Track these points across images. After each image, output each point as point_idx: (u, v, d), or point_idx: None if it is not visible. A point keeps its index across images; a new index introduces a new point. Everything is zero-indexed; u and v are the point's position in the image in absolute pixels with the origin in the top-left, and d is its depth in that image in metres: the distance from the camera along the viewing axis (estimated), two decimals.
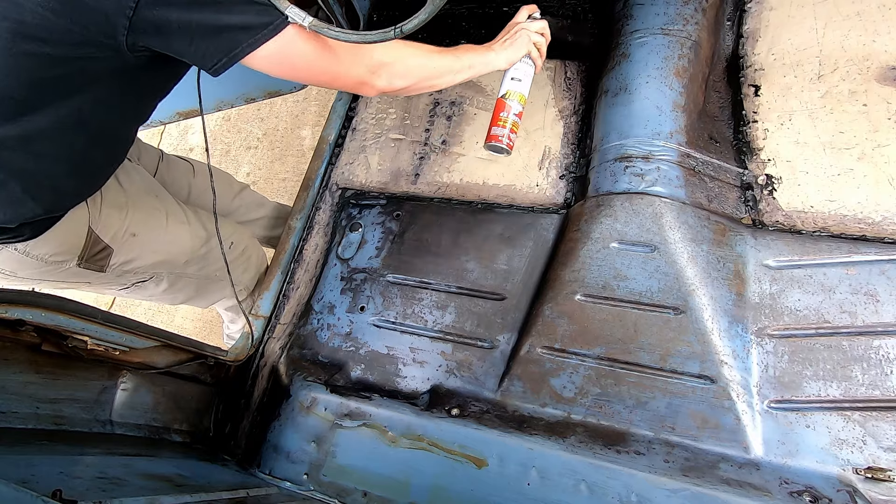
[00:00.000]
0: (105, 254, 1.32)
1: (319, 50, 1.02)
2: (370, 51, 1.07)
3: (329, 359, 1.45)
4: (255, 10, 0.94)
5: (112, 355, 1.14)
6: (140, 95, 1.16)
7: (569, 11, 1.66)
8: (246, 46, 0.95)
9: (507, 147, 1.26)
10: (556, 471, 1.14)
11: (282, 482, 1.31)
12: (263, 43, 0.96)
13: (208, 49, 0.95)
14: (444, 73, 1.18)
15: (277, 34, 0.96)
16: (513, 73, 1.27)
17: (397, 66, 1.10)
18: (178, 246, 1.48)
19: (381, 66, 1.08)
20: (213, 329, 2.66)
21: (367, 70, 1.07)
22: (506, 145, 1.25)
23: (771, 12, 1.42)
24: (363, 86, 1.09)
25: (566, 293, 1.27)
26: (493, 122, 1.26)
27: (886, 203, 1.17)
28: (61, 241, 1.22)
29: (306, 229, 1.65)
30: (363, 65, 1.07)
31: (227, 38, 0.94)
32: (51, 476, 0.85)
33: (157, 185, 1.50)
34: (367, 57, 1.07)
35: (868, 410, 1.05)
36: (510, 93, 1.26)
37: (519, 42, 1.26)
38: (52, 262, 1.24)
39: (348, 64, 1.05)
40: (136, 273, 1.43)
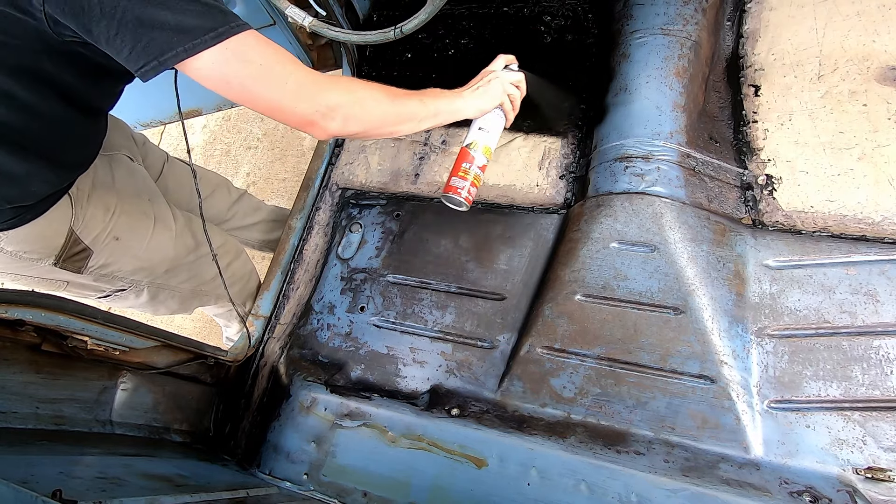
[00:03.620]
0: (84, 255, 1.27)
1: (266, 73, 0.91)
2: (325, 90, 0.97)
3: (329, 359, 1.45)
4: (196, 10, 0.84)
5: (112, 355, 1.14)
6: (94, 82, 1.05)
7: (569, 11, 1.66)
8: (181, 51, 0.84)
9: (465, 201, 1.20)
10: (556, 471, 1.14)
11: (282, 482, 1.31)
12: (201, 51, 0.84)
13: (136, 46, 0.83)
14: (405, 121, 1.09)
15: (219, 43, 0.85)
16: (481, 123, 1.22)
17: (354, 109, 1.00)
18: (159, 253, 1.43)
19: (336, 108, 0.97)
20: (213, 329, 2.66)
21: (317, 111, 0.96)
22: (464, 198, 1.20)
23: (771, 12, 1.42)
24: (311, 125, 0.98)
25: (566, 293, 1.27)
26: (454, 171, 1.21)
27: (886, 203, 1.17)
28: (38, 239, 1.18)
29: (306, 229, 1.65)
30: (314, 103, 0.95)
31: (160, 37, 0.83)
32: (51, 476, 0.85)
33: (153, 189, 1.46)
34: (320, 95, 0.96)
35: (868, 410, 1.05)
36: (475, 143, 1.20)
37: (491, 91, 1.20)
38: (25, 259, 1.20)
39: (296, 98, 0.94)
40: (115, 278, 1.39)
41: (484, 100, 1.19)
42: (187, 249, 1.51)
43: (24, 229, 1.14)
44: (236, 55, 0.88)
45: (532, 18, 1.70)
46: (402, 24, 1.29)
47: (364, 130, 1.04)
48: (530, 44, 1.67)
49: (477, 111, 1.20)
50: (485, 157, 1.22)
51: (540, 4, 1.70)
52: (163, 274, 1.48)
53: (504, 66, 1.25)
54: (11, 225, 1.12)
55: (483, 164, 1.22)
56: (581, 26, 1.64)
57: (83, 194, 1.24)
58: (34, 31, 0.87)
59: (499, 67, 1.24)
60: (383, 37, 1.32)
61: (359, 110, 1.01)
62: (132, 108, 1.59)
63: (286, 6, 1.39)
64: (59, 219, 1.19)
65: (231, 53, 0.87)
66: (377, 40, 1.34)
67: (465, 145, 1.22)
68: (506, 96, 1.23)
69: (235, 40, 0.87)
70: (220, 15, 0.87)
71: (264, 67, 0.90)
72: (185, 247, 1.50)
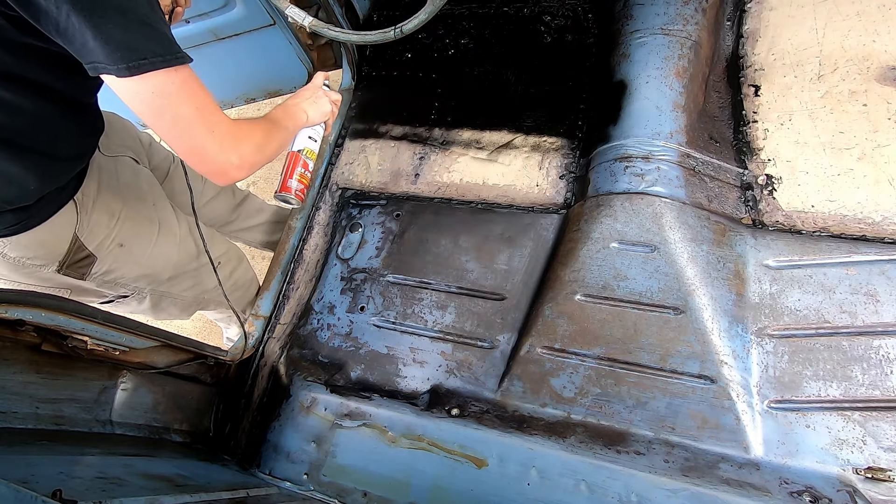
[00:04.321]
0: (88, 262, 1.27)
1: (200, 118, 0.92)
2: (241, 142, 1.01)
3: (329, 359, 1.45)
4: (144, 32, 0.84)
5: (112, 355, 1.14)
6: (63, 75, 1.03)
7: (569, 11, 1.66)
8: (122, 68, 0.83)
9: (296, 197, 1.35)
10: (556, 471, 1.14)
11: (282, 482, 1.31)
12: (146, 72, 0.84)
13: (87, 41, 0.83)
14: (278, 151, 1.17)
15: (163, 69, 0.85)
16: (310, 133, 1.37)
17: (256, 157, 1.05)
18: (163, 260, 1.43)
19: (246, 158, 1.02)
20: (213, 329, 2.66)
21: (232, 163, 0.99)
22: (295, 195, 1.35)
23: (771, 12, 1.42)
24: (222, 175, 1.01)
25: (566, 293, 1.27)
26: (289, 174, 1.35)
27: (886, 203, 1.17)
28: (42, 245, 1.18)
29: (306, 229, 1.65)
30: (232, 155, 0.99)
31: (108, 47, 0.82)
32: (51, 476, 0.85)
33: (157, 193, 1.45)
34: (238, 148, 1.00)
35: (868, 410, 1.05)
36: (307, 150, 1.36)
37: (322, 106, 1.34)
38: (28, 266, 1.19)
39: (220, 148, 0.97)
40: (118, 285, 1.38)
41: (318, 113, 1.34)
42: (190, 256, 1.50)
43: (28, 235, 1.14)
44: (179, 90, 0.88)
45: (532, 18, 1.70)
46: (402, 24, 1.29)
47: (255, 170, 1.10)
48: (530, 44, 1.67)
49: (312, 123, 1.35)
50: (312, 161, 1.39)
51: (540, 4, 1.70)
52: (166, 281, 1.48)
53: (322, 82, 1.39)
54: (14, 231, 1.12)
55: (312, 167, 1.39)
56: (581, 26, 1.64)
57: (88, 200, 1.23)
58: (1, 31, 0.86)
59: (320, 83, 1.37)
60: (383, 37, 1.32)
61: (260, 156, 1.07)
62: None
63: (286, 6, 1.39)
64: (63, 225, 1.19)
65: (174, 88, 0.88)
66: (377, 40, 1.34)
67: (295, 150, 1.36)
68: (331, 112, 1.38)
69: (180, 72, 0.88)
70: (168, 43, 0.87)
71: (199, 110, 0.92)
72: (188, 253, 1.49)
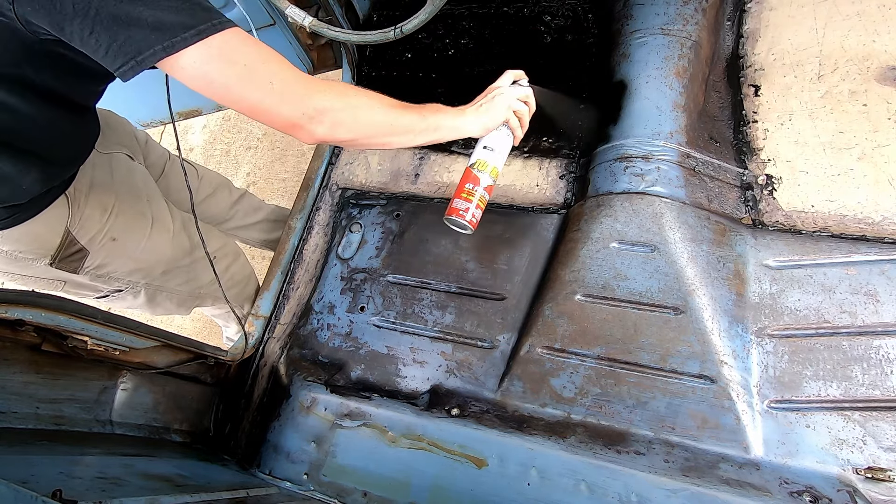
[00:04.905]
0: (80, 255, 1.27)
1: (248, 74, 0.87)
2: (314, 92, 0.93)
3: (329, 359, 1.45)
4: (176, 6, 0.80)
5: (112, 355, 1.14)
6: (75, 82, 1.02)
7: (569, 11, 1.66)
8: (159, 50, 0.80)
9: (469, 224, 1.14)
10: (556, 471, 1.14)
11: (282, 482, 1.31)
12: (181, 49, 0.81)
13: (112, 45, 0.80)
14: (400, 133, 1.05)
15: (200, 41, 0.82)
16: (486, 142, 1.16)
17: (343, 115, 0.96)
18: (156, 255, 1.42)
19: (324, 112, 0.93)
20: (213, 329, 2.66)
21: (304, 113, 0.92)
22: (468, 222, 1.14)
23: (771, 12, 1.42)
24: (296, 128, 0.93)
25: (566, 293, 1.27)
26: (458, 193, 1.16)
27: (886, 203, 1.17)
28: (34, 239, 1.18)
29: (306, 229, 1.65)
30: (301, 105, 0.92)
31: (137, 35, 0.79)
32: (51, 476, 0.85)
33: (152, 189, 1.45)
34: (308, 98, 0.92)
35: (868, 410, 1.05)
36: (480, 163, 1.15)
37: (496, 108, 1.14)
38: (21, 259, 1.20)
39: (281, 99, 0.90)
40: (111, 279, 1.38)
41: (488, 117, 1.14)
42: (184, 251, 1.50)
43: (19, 229, 1.14)
44: (219, 54, 0.84)
45: (532, 18, 1.70)
46: (402, 24, 1.29)
47: (354, 138, 1.00)
48: (530, 44, 1.67)
49: (481, 129, 1.15)
50: (491, 178, 1.16)
51: (540, 4, 1.70)
52: (160, 276, 1.48)
53: (512, 81, 1.19)
54: (6, 225, 1.12)
55: (489, 184, 1.16)
56: (581, 26, 1.64)
57: (80, 194, 1.23)
58: (8, 33, 0.84)
59: (505, 83, 1.18)
60: (383, 37, 1.32)
61: (349, 116, 0.97)
62: (132, 107, 1.59)
63: (286, 6, 1.39)
64: (55, 219, 1.19)
65: (214, 52, 0.83)
66: (377, 40, 1.34)
67: (469, 165, 1.17)
68: (511, 113, 1.17)
69: (219, 38, 0.83)
70: (202, 12, 0.83)
71: (248, 67, 0.87)
72: (182, 248, 1.49)
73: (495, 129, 1.16)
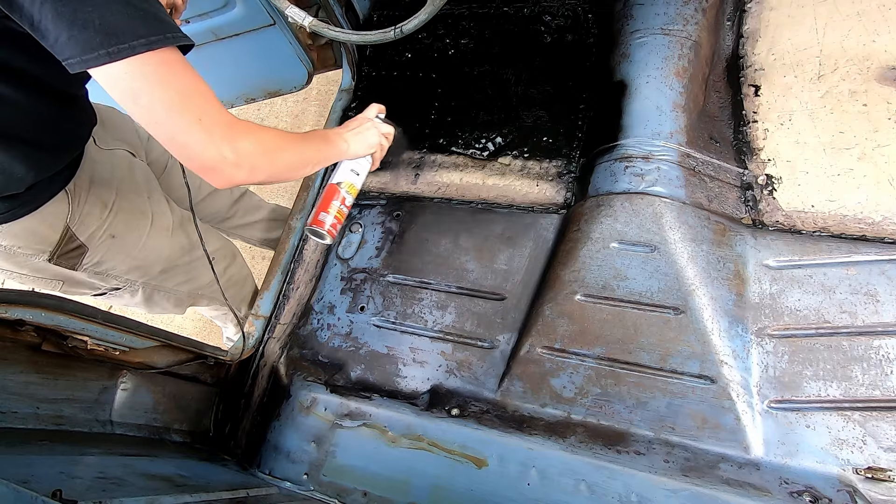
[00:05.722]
0: (79, 252, 1.27)
1: (181, 103, 0.83)
2: (239, 135, 0.91)
3: (329, 359, 1.45)
4: (127, 12, 0.77)
5: (112, 355, 1.14)
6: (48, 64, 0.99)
7: (569, 11, 1.66)
8: (103, 54, 0.77)
9: (328, 234, 1.28)
10: (556, 471, 1.14)
11: (282, 482, 1.31)
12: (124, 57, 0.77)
13: (59, 38, 0.77)
14: (302, 167, 1.10)
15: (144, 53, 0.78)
16: (353, 165, 1.30)
17: (262, 160, 0.95)
18: (155, 253, 1.43)
19: (246, 156, 0.91)
20: (213, 329, 2.66)
21: (225, 157, 0.89)
22: (327, 231, 1.27)
23: (771, 12, 1.42)
24: (213, 171, 0.90)
25: (566, 293, 1.27)
26: (323, 207, 1.27)
27: (886, 203, 1.17)
28: (32, 235, 1.17)
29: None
30: (224, 149, 0.88)
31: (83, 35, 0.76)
32: (51, 476, 0.85)
33: (153, 186, 1.45)
34: (234, 141, 0.89)
35: (868, 410, 1.05)
36: (346, 184, 1.29)
37: (369, 139, 1.28)
38: (19, 255, 1.20)
39: (206, 138, 0.86)
40: (109, 276, 1.38)
41: (363, 146, 1.28)
42: (182, 250, 1.50)
43: (18, 224, 1.14)
44: (155, 73, 0.81)
45: (532, 18, 1.70)
46: (402, 24, 1.29)
47: (267, 179, 1.02)
48: (530, 44, 1.67)
49: (354, 155, 1.28)
50: (352, 197, 1.31)
51: (540, 4, 1.70)
52: (157, 275, 1.48)
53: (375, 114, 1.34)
54: (5, 219, 1.11)
55: (350, 203, 1.31)
56: (581, 26, 1.64)
57: (81, 190, 1.23)
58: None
59: (372, 115, 1.32)
60: (383, 37, 1.32)
61: (266, 161, 0.97)
62: None
63: (286, 6, 1.39)
64: (54, 214, 1.19)
65: (149, 70, 0.80)
66: (377, 40, 1.34)
67: (334, 183, 1.29)
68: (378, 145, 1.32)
69: (158, 56, 0.80)
70: (156, 22, 0.80)
71: (182, 96, 0.83)
72: (181, 247, 1.49)
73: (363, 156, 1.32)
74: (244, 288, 1.79)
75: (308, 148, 1.11)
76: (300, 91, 1.95)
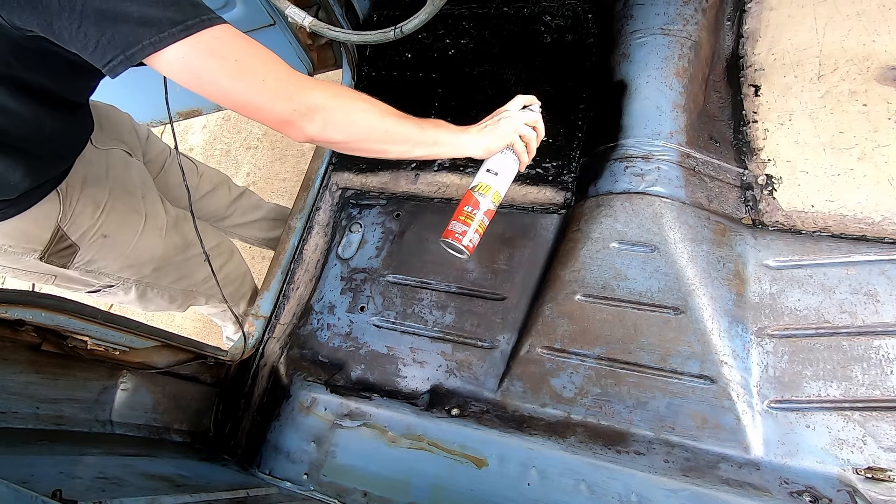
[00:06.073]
0: (70, 251, 1.27)
1: (239, 69, 0.85)
2: (307, 89, 0.91)
3: (329, 359, 1.45)
4: (163, 2, 0.79)
5: (112, 355, 1.14)
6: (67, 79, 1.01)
7: (569, 11, 1.66)
8: (147, 45, 0.79)
9: (465, 248, 1.09)
10: (556, 471, 1.14)
11: (282, 482, 1.31)
12: (169, 44, 0.79)
13: (101, 40, 0.79)
14: (396, 141, 1.00)
15: (188, 37, 0.80)
16: (489, 165, 1.12)
17: (336, 115, 0.93)
18: (147, 252, 1.42)
19: (316, 109, 0.91)
20: (213, 329, 2.66)
21: (295, 110, 0.89)
22: (464, 246, 1.09)
23: (771, 12, 1.42)
24: (287, 125, 0.91)
25: (566, 293, 1.27)
26: (455, 215, 1.11)
27: (886, 203, 1.17)
28: (22, 234, 1.17)
29: (306, 229, 1.65)
30: (292, 102, 0.89)
31: (125, 30, 0.78)
32: (51, 476, 0.85)
33: (148, 186, 1.45)
34: (300, 94, 0.90)
35: (868, 410, 1.05)
36: (482, 186, 1.10)
37: (501, 130, 1.10)
38: (10, 253, 1.20)
39: (273, 96, 0.88)
40: (101, 275, 1.38)
41: (491, 138, 1.09)
42: (176, 249, 1.49)
43: (9, 223, 1.14)
44: (208, 50, 0.83)
45: (532, 18, 1.70)
46: (402, 24, 1.29)
47: (346, 140, 0.96)
48: (530, 44, 1.67)
49: (483, 150, 1.10)
50: (492, 203, 1.11)
51: (540, 4, 1.70)
52: (150, 273, 1.48)
53: (522, 106, 1.15)
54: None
55: (489, 209, 1.11)
56: (581, 26, 1.64)
57: (73, 190, 1.23)
58: None
59: (515, 107, 1.14)
60: (383, 37, 1.32)
61: (342, 117, 0.94)
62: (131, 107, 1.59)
63: (286, 6, 1.39)
64: (45, 214, 1.18)
65: (202, 47, 0.82)
66: (377, 40, 1.34)
67: (470, 188, 1.12)
68: (518, 137, 1.12)
69: (208, 34, 0.82)
70: (190, 7, 0.81)
71: (239, 63, 0.85)
72: (174, 246, 1.49)
73: (499, 152, 1.12)
74: (242, 285, 1.79)
75: (405, 123, 1.01)
76: None
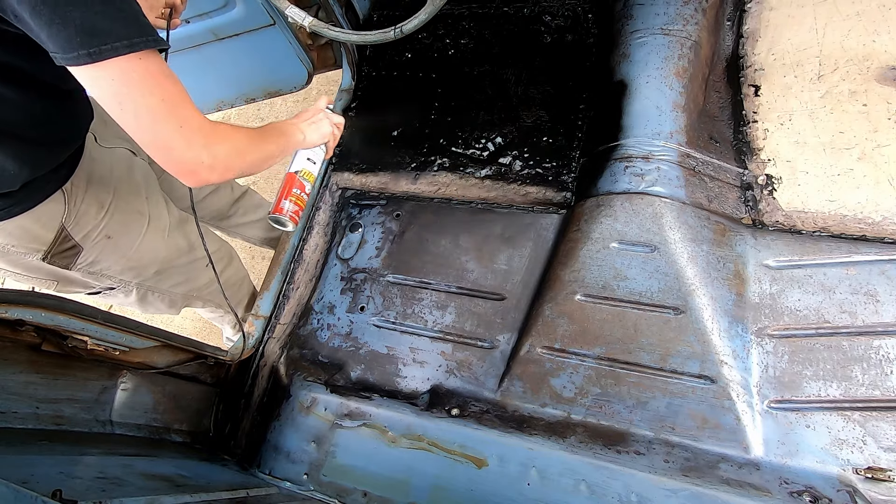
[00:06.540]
0: (73, 252, 1.27)
1: (165, 110, 0.86)
2: (215, 141, 0.96)
3: (329, 359, 1.45)
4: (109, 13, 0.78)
5: (112, 355, 1.14)
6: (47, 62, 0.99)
7: (569, 11, 1.66)
8: (83, 55, 0.78)
9: (290, 220, 1.34)
10: (556, 471, 1.14)
11: (282, 482, 1.31)
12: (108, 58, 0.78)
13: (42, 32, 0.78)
14: (265, 162, 1.15)
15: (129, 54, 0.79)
16: (309, 154, 1.37)
17: (233, 161, 1.01)
18: (150, 254, 1.42)
19: (220, 159, 0.97)
20: (213, 329, 2.66)
21: (203, 161, 0.94)
22: (289, 218, 1.33)
23: (771, 12, 1.42)
24: (191, 173, 0.96)
25: (566, 293, 1.27)
26: (284, 195, 1.33)
27: (886, 203, 1.17)
28: (26, 234, 1.17)
29: (306, 229, 1.65)
30: (203, 153, 0.94)
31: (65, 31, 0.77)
32: (51, 476, 0.85)
33: (152, 186, 1.45)
34: (210, 147, 0.95)
35: (868, 410, 1.05)
36: (305, 172, 1.35)
37: (322, 129, 1.35)
38: (13, 253, 1.19)
39: (186, 145, 0.91)
40: (104, 276, 1.38)
41: (317, 135, 1.34)
42: (179, 251, 1.49)
43: (13, 222, 1.13)
44: (140, 83, 0.83)
45: (532, 18, 1.70)
46: (402, 24, 1.29)
47: (236, 176, 1.09)
48: (530, 44, 1.67)
49: (311, 144, 1.35)
50: (310, 184, 1.37)
51: (540, 4, 1.70)
52: (152, 276, 1.48)
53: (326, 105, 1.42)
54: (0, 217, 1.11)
55: (308, 190, 1.37)
56: (581, 26, 1.64)
57: (78, 190, 1.22)
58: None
59: (323, 106, 1.40)
60: (383, 37, 1.33)
61: (237, 161, 1.03)
62: None
63: (286, 6, 1.39)
64: (49, 214, 1.18)
65: (136, 78, 0.82)
66: (377, 40, 1.34)
67: (293, 171, 1.35)
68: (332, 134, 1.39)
69: (144, 62, 0.82)
70: (136, 24, 0.81)
71: (165, 104, 0.87)
72: (178, 249, 1.49)
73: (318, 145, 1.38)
74: (241, 290, 1.79)
75: (270, 144, 1.17)
76: (300, 91, 1.95)
